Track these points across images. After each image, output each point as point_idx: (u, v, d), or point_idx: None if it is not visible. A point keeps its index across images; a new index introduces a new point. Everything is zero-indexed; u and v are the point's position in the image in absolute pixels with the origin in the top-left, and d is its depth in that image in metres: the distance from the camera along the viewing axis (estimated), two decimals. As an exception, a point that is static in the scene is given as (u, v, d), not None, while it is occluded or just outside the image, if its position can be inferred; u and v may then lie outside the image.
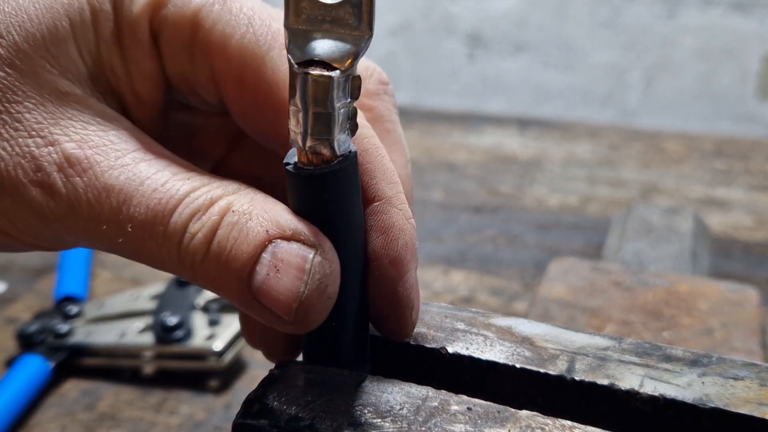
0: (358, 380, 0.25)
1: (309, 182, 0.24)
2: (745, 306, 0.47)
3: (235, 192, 0.24)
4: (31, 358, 0.56)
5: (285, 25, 0.23)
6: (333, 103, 0.23)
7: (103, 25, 0.26)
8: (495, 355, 0.27)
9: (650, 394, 0.25)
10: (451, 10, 1.50)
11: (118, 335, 0.57)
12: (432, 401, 0.24)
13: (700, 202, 0.85)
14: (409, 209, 0.27)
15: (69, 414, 0.53)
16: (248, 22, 0.26)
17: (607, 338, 0.28)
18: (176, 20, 0.26)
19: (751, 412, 0.25)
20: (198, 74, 0.27)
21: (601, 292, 0.48)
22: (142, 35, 0.26)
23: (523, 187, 0.89)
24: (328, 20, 0.22)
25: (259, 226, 0.23)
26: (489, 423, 0.23)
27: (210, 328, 0.57)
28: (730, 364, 0.27)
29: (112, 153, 0.24)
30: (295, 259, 0.23)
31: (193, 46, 0.26)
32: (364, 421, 0.23)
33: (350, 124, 0.24)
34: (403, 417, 0.24)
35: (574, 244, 0.77)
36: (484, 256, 0.75)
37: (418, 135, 1.04)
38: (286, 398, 0.24)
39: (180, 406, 0.54)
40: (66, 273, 0.66)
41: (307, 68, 0.22)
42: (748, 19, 1.39)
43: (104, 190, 0.24)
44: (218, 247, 0.23)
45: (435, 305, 0.30)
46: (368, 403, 0.24)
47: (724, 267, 0.72)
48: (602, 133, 1.05)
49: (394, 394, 0.25)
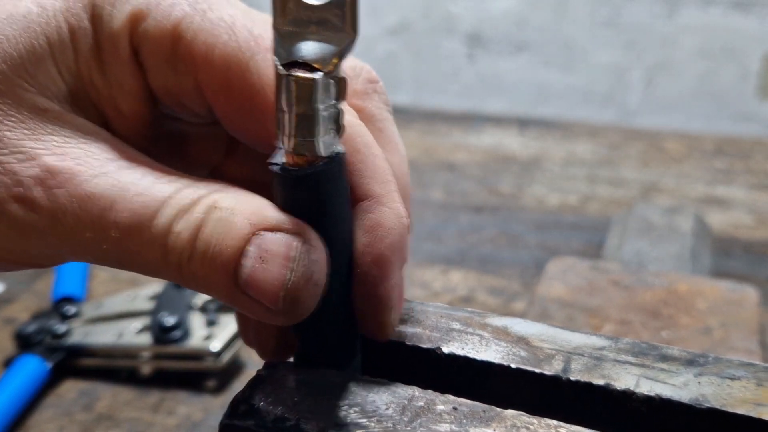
0: (345, 381, 0.25)
1: (294, 183, 0.24)
2: (745, 305, 0.46)
3: (219, 190, 0.24)
4: (29, 359, 0.55)
5: (273, 25, 0.23)
6: (316, 105, 0.23)
7: (82, 42, 0.26)
8: (490, 356, 0.27)
9: (646, 394, 0.25)
10: (451, 10, 1.50)
11: (115, 335, 0.57)
12: (418, 401, 0.24)
13: (700, 202, 0.85)
14: (402, 208, 0.27)
15: (67, 414, 0.53)
16: (230, 29, 0.26)
17: (603, 338, 0.28)
18: (157, 34, 0.26)
19: (747, 412, 0.25)
20: (183, 86, 0.27)
21: (600, 292, 0.48)
22: (123, 51, 0.26)
23: (523, 187, 0.89)
24: (314, 22, 0.22)
25: (243, 220, 0.23)
26: (474, 422, 0.23)
27: (207, 329, 0.57)
28: (727, 364, 0.27)
29: (94, 163, 0.24)
30: (280, 248, 0.23)
31: (176, 58, 0.26)
32: (350, 421, 0.23)
33: (336, 126, 0.24)
34: (388, 417, 0.24)
35: (573, 243, 0.76)
36: (483, 255, 0.74)
37: (418, 135, 1.04)
38: (273, 399, 0.24)
39: (177, 407, 0.54)
40: (64, 274, 0.66)
41: (291, 70, 0.22)
42: (749, 18, 1.38)
43: (87, 199, 0.23)
44: (204, 244, 0.23)
45: (431, 305, 0.30)
46: (354, 403, 0.24)
47: (725, 266, 0.72)
48: (602, 133, 1.04)
49: (381, 394, 0.25)
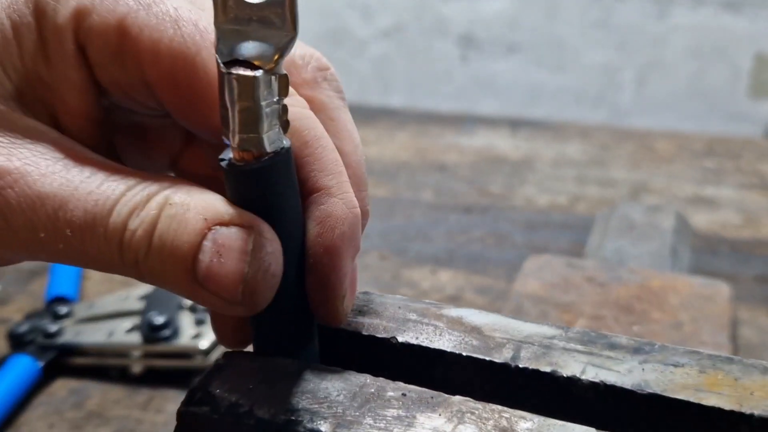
0: (300, 369, 0.26)
1: (241, 178, 0.25)
2: (716, 300, 0.47)
3: (171, 186, 0.25)
4: (21, 358, 0.57)
5: (215, 24, 0.24)
6: (258, 102, 0.23)
7: (26, 38, 0.26)
8: (444, 344, 0.28)
9: (591, 380, 0.26)
10: (443, 12, 1.51)
11: (106, 335, 0.58)
12: (369, 388, 0.25)
13: (688, 201, 0.86)
14: (352, 198, 0.28)
15: (57, 413, 0.54)
16: (175, 23, 0.26)
17: (554, 327, 0.29)
18: (102, 29, 0.26)
19: (687, 397, 0.25)
20: (131, 81, 0.27)
21: (575, 288, 0.49)
22: (68, 46, 0.26)
23: (513, 187, 0.90)
24: (255, 20, 0.23)
25: (197, 216, 0.24)
26: (422, 408, 0.24)
27: (196, 327, 0.58)
28: (672, 352, 0.27)
29: (42, 162, 0.25)
30: (236, 242, 0.24)
31: (123, 54, 0.27)
32: (301, 407, 0.24)
33: (281, 121, 0.25)
34: (339, 403, 0.25)
35: (561, 243, 0.77)
36: (472, 255, 0.75)
37: (411, 136, 1.05)
38: (229, 386, 0.25)
39: (166, 404, 0.55)
40: (57, 274, 0.67)
41: (232, 68, 0.23)
42: (739, 18, 1.39)
43: (38, 199, 0.24)
44: (160, 241, 0.24)
45: (390, 297, 0.31)
46: (307, 390, 0.25)
47: (711, 265, 0.73)
48: (593, 133, 1.05)
49: (333, 382, 0.26)
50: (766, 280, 0.70)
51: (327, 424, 0.24)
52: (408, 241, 0.78)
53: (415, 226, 0.81)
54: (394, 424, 0.24)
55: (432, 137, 1.05)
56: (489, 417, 0.24)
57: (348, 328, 0.29)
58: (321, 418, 0.24)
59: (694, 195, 0.88)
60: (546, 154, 0.99)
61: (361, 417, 0.24)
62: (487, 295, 0.69)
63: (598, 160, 0.97)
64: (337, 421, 0.24)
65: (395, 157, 0.98)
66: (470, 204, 0.86)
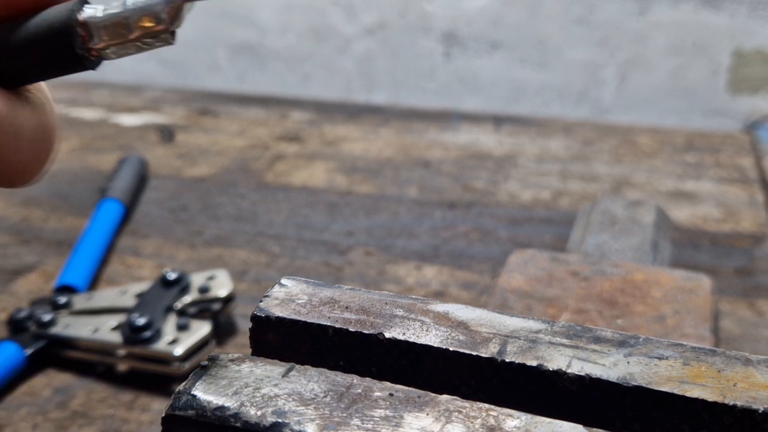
0: (286, 370, 0.26)
1: None
2: (698, 293, 0.48)
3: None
4: (7, 346, 0.56)
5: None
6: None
7: None
8: (430, 340, 0.28)
9: (576, 374, 0.26)
10: (426, 9, 1.51)
11: (91, 330, 0.57)
12: (356, 388, 0.25)
13: (669, 195, 0.87)
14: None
15: (41, 413, 0.54)
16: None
17: (540, 322, 0.29)
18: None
19: (671, 389, 0.26)
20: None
21: (559, 282, 0.49)
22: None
23: (497, 183, 0.90)
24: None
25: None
26: (409, 407, 0.24)
27: (177, 333, 0.57)
28: (656, 345, 0.28)
29: None
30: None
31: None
32: (288, 409, 0.24)
33: None
34: (326, 404, 0.25)
35: (545, 237, 0.78)
36: (456, 251, 0.76)
37: (395, 133, 1.05)
38: (214, 389, 0.25)
39: (151, 404, 0.55)
40: (73, 262, 0.66)
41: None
42: (719, 14, 1.41)
43: None
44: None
45: (377, 293, 0.31)
46: (293, 392, 0.25)
47: (692, 258, 0.74)
48: (576, 129, 1.06)
49: (320, 383, 0.26)
50: (746, 273, 0.71)
51: (314, 425, 0.24)
52: (393, 237, 0.78)
53: (399, 223, 0.81)
54: (381, 425, 0.24)
55: (416, 134, 1.05)
56: (476, 416, 0.24)
57: (335, 324, 0.29)
58: (308, 419, 0.24)
59: (675, 189, 0.89)
60: (529, 149, 0.99)
61: (349, 418, 0.24)
62: (471, 291, 0.69)
63: (581, 155, 0.98)
64: (324, 422, 0.24)
65: (379, 154, 0.98)
66: (454, 200, 0.86)
